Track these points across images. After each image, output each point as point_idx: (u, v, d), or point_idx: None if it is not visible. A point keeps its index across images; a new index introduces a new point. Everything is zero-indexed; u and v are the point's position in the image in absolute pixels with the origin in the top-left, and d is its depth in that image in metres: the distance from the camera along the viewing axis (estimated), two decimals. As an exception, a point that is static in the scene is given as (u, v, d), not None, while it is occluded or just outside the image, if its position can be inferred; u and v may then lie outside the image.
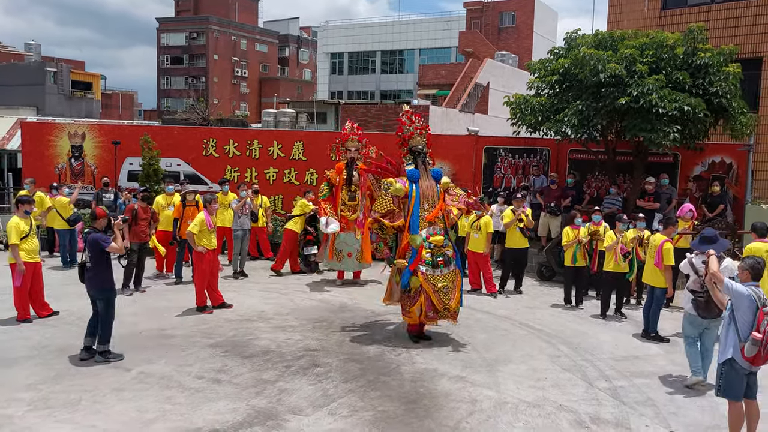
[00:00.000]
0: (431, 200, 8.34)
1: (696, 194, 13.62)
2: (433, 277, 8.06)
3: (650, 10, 19.94)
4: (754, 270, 5.54)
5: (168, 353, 7.61)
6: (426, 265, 8.07)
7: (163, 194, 12.06)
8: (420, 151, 8.48)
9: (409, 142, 8.55)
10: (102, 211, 7.54)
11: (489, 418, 6.07)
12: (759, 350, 5.25)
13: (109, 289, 7.43)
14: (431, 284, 8.03)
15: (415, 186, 8.25)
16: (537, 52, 40.60)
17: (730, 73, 12.01)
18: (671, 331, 9.04)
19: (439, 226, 8.29)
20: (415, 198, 8.20)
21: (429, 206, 8.30)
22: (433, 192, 8.40)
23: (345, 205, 11.44)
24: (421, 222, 8.19)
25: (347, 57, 55.55)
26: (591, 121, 12.16)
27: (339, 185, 11.43)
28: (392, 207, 8.20)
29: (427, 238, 8.13)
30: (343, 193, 11.44)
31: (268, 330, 8.64)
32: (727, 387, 5.51)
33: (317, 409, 6.14)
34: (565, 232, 10.50)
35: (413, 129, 8.55)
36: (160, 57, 69.40)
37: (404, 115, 8.67)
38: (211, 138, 15.49)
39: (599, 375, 7.31)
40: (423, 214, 8.21)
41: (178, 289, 10.98)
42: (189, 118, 31.37)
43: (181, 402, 6.25)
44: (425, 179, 8.39)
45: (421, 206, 8.23)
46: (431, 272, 8.07)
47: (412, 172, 8.33)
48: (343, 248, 11.43)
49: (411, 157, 8.49)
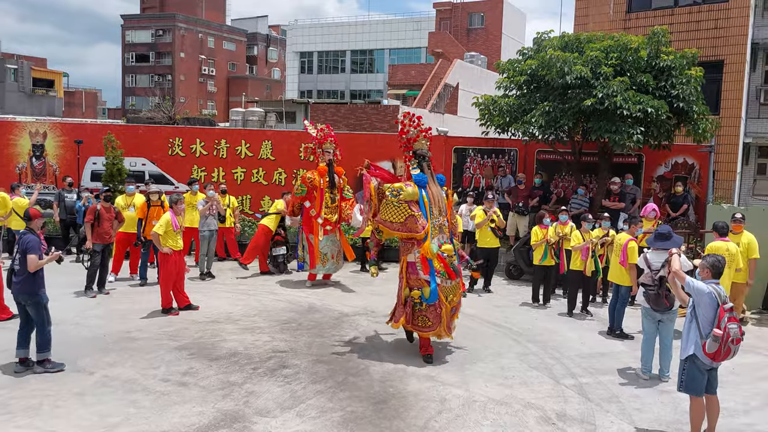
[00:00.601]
0: (440, 207, 7.82)
1: (659, 194, 13.91)
2: (445, 289, 7.60)
3: (615, 13, 20.30)
4: (715, 268, 5.67)
5: (132, 356, 7.46)
6: (441, 276, 7.56)
7: (124, 195, 11.79)
8: (425, 155, 7.97)
9: (414, 145, 8.02)
10: (36, 212, 7.22)
11: (458, 416, 6.10)
12: (719, 346, 5.37)
13: (36, 293, 6.91)
14: (444, 296, 7.61)
15: (423, 191, 7.72)
16: (506, 53, 40.99)
17: (692, 76, 12.29)
18: (636, 329, 9.18)
19: (447, 235, 7.84)
20: (427, 205, 7.70)
21: (438, 213, 7.77)
22: (441, 198, 7.88)
23: (327, 207, 11.37)
24: (432, 230, 7.66)
25: (317, 56, 55.30)
26: (558, 122, 12.33)
27: (322, 188, 11.33)
28: (411, 212, 7.55)
29: (439, 247, 7.64)
30: (326, 196, 11.35)
31: (236, 332, 8.53)
32: (689, 382, 5.63)
33: (285, 411, 6.09)
34: (534, 232, 10.61)
35: (418, 131, 8.03)
36: (125, 54, 68.11)
37: (405, 117, 8.15)
38: (177, 137, 15.26)
39: (566, 372, 7.40)
40: (433, 221, 7.69)
41: (142, 290, 10.78)
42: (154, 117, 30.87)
43: (145, 406, 6.14)
44: (432, 184, 7.87)
45: (430, 213, 7.71)
46: (444, 284, 7.60)
47: (419, 176, 7.79)
48: (327, 252, 11.39)
49: (416, 161, 7.95)
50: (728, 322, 5.37)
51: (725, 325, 5.36)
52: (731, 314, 5.44)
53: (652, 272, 7.23)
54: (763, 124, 18.34)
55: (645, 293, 7.26)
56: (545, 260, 10.53)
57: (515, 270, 12.78)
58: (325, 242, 11.32)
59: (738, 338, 5.39)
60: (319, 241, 11.26)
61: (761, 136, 18.40)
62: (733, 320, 5.41)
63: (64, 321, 8.55)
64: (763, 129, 18.35)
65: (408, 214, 7.57)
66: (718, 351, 5.40)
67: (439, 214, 7.78)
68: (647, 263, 7.38)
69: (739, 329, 5.40)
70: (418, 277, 7.57)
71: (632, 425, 6.04)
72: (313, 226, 11.31)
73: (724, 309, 5.42)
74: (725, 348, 5.39)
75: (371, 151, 15.05)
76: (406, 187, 7.67)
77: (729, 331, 5.35)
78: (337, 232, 11.42)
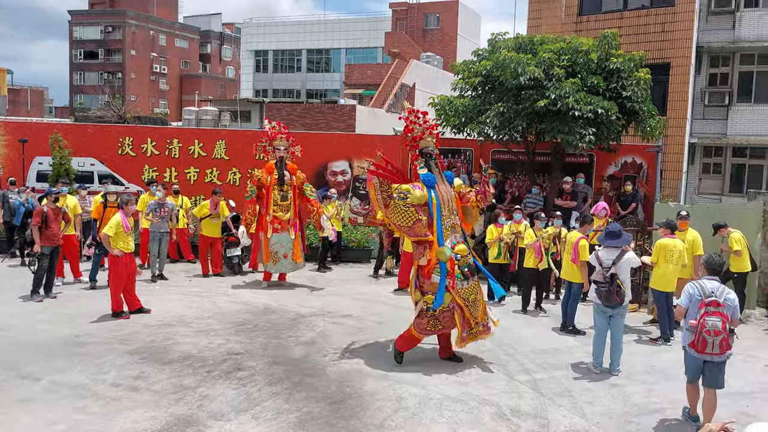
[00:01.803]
0: (450, 206, 7.51)
1: (610, 193, 14.27)
2: (463, 291, 7.32)
3: (567, 16, 20.73)
4: (709, 265, 6.05)
5: (81, 361, 7.25)
6: (457, 279, 7.28)
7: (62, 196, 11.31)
8: (432, 153, 7.65)
9: (420, 143, 7.68)
10: None
11: (414, 415, 6.12)
12: (695, 337, 5.70)
13: None
14: (463, 298, 7.29)
15: (433, 192, 7.40)
16: (461, 54, 41.38)
17: (640, 78, 12.66)
18: (587, 324, 9.39)
19: (459, 234, 7.54)
20: (436, 206, 7.35)
21: (449, 213, 7.46)
22: (451, 197, 7.57)
23: (277, 205, 11.24)
24: (445, 231, 7.38)
25: (272, 55, 54.74)
26: (512, 122, 12.52)
27: (270, 185, 11.22)
28: (418, 217, 7.29)
29: (452, 248, 7.34)
30: (275, 193, 11.23)
31: (189, 334, 8.37)
32: (685, 368, 6.06)
33: (240, 414, 6.01)
34: (489, 230, 10.76)
35: (424, 128, 7.67)
36: (72, 51, 66.05)
37: (411, 114, 7.70)
38: (128, 136, 14.87)
39: (520, 368, 7.52)
40: (445, 222, 7.39)
41: (92, 294, 10.48)
42: (104, 116, 30.04)
43: (95, 412, 5.97)
44: (441, 183, 7.55)
45: (442, 213, 7.42)
46: (461, 286, 7.29)
47: (428, 176, 7.47)
48: (278, 250, 11.22)
49: (423, 159, 7.63)
50: (708, 315, 5.67)
51: (701, 316, 5.68)
52: (716, 308, 5.69)
53: (603, 269, 7.42)
54: (707, 124, 19.04)
55: (597, 290, 7.44)
56: (500, 258, 10.67)
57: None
58: (277, 240, 11.18)
59: (717, 330, 5.63)
60: (268, 239, 11.12)
61: (706, 137, 19.09)
62: (717, 314, 5.67)
63: (9, 326, 8.26)
64: (707, 130, 19.05)
65: (415, 218, 7.29)
66: (695, 341, 5.72)
67: (450, 213, 7.51)
68: (598, 261, 7.58)
69: (722, 323, 5.65)
70: (431, 282, 7.32)
71: (584, 418, 6.17)
72: (263, 224, 11.20)
73: (704, 302, 5.73)
74: (700, 339, 5.68)
75: (328, 150, 15.01)
76: (414, 189, 7.35)
77: (705, 322, 5.65)
78: (291, 231, 11.27)
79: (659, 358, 8.07)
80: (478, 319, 7.47)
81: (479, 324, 7.49)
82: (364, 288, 11.57)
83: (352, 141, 15.92)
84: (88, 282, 10.94)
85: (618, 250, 7.50)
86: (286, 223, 11.20)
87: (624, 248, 7.53)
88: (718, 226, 9.91)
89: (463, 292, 7.34)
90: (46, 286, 10.03)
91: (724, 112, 18.79)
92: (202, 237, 12.12)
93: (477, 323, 7.45)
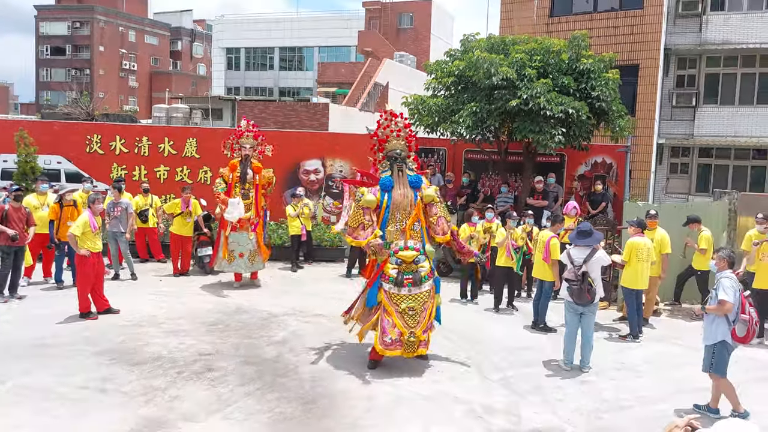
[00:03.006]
0: (406, 210, 7.45)
1: (580, 192, 14.45)
2: (397, 297, 7.22)
3: (539, 17, 20.94)
4: (730, 259, 6.33)
5: (48, 363, 7.09)
6: (389, 283, 7.24)
7: (35, 193, 11.06)
8: (398, 156, 7.62)
9: (386, 146, 7.70)
10: None
11: (386, 414, 6.12)
12: (748, 329, 6.01)
13: None
14: (394, 304, 7.21)
15: (387, 195, 7.46)
16: (435, 53, 41.50)
17: (609, 78, 12.84)
18: (558, 322, 9.50)
19: (414, 240, 7.41)
20: (386, 208, 7.40)
21: (402, 217, 7.44)
22: (408, 201, 7.47)
23: None
24: (391, 234, 7.39)
25: (244, 52, 54.20)
26: (484, 122, 12.60)
27: (232, 183, 11.11)
28: (362, 221, 7.37)
29: (395, 252, 7.29)
30: (236, 191, 11.12)
31: (159, 335, 8.24)
32: (719, 365, 6.18)
33: (211, 415, 5.94)
34: (462, 230, 10.79)
35: (389, 132, 7.67)
36: (39, 47, 64.62)
37: (384, 115, 7.75)
38: (96, 134, 14.59)
39: (492, 366, 7.57)
40: (395, 225, 7.38)
41: (58, 294, 10.24)
42: (71, 113, 29.38)
43: (61, 414, 5.85)
44: (399, 188, 7.51)
45: (392, 217, 7.41)
46: (395, 291, 7.22)
47: (384, 180, 7.53)
48: (235, 248, 11.06)
49: (387, 163, 7.67)
50: (750, 306, 6.03)
51: (748, 309, 6.02)
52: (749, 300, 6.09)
53: (575, 268, 7.51)
54: (675, 125, 19.41)
55: (568, 288, 7.54)
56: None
57: (444, 267, 12.95)
58: (235, 239, 11.03)
59: (757, 320, 6.05)
60: (227, 237, 10.99)
61: (673, 137, 19.46)
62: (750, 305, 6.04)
63: (-30, 328, 8.03)
64: (675, 130, 19.41)
65: (360, 221, 7.41)
66: (747, 334, 6.04)
67: (405, 217, 7.44)
68: (570, 259, 7.67)
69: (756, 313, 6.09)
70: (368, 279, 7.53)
71: (554, 415, 6.24)
72: (223, 222, 11.08)
73: (744, 296, 6.03)
74: (752, 330, 6.04)
75: (300, 149, 14.92)
76: (368, 194, 7.46)
77: (751, 314, 6.00)
78: (250, 230, 11.15)
79: (628, 354, 8.20)
80: (414, 330, 7.13)
81: (413, 336, 7.11)
82: (336, 287, 11.53)
83: (324, 140, 15.85)
84: (54, 282, 10.70)
85: (589, 248, 7.59)
86: (246, 221, 11.06)
87: (595, 247, 7.64)
88: (693, 220, 10.09)
89: (396, 298, 7.22)
90: (10, 286, 9.78)
91: (691, 113, 19.17)
92: (173, 235, 11.94)
93: (411, 334, 7.11)
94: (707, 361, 6.30)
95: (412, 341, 7.10)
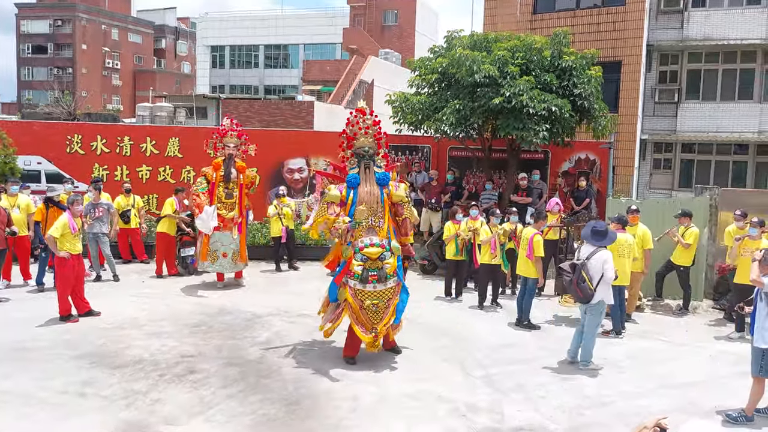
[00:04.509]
0: (372, 207, 7.52)
1: (564, 189, 14.52)
2: (362, 293, 7.31)
3: (522, 14, 21.01)
4: None
5: (27, 367, 6.99)
6: (354, 279, 7.30)
7: (5, 194, 10.82)
8: (365, 153, 7.69)
9: (354, 143, 7.77)
10: None
11: (370, 413, 6.11)
12: None
13: None
14: (358, 300, 7.31)
15: (352, 192, 7.54)
16: (419, 50, 41.53)
17: (592, 75, 12.89)
18: (543, 320, 9.56)
19: (380, 237, 7.46)
20: (351, 205, 7.51)
21: (369, 214, 7.51)
22: (374, 198, 7.55)
23: (222, 202, 11.04)
24: (356, 231, 7.44)
25: (228, 50, 53.89)
26: (468, 119, 12.61)
27: (215, 182, 11.04)
28: (326, 215, 7.50)
29: (361, 249, 7.33)
30: (219, 190, 11.04)
31: (141, 337, 8.17)
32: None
33: (192, 418, 5.89)
34: (447, 227, 10.79)
35: (357, 129, 7.75)
36: (20, 45, 63.83)
37: (354, 113, 7.82)
38: (76, 134, 14.45)
39: (476, 364, 7.57)
40: (359, 221, 7.46)
41: (39, 297, 10.11)
42: (53, 112, 29.09)
43: (41, 419, 5.78)
44: (366, 185, 7.59)
45: (357, 213, 7.48)
46: (360, 287, 7.30)
47: (350, 176, 7.63)
48: (218, 248, 10.98)
49: (355, 160, 7.75)
50: None
51: None
52: None
53: (577, 261, 7.53)
54: (658, 121, 19.55)
55: (562, 279, 7.67)
56: (457, 255, 10.73)
57: (429, 265, 12.96)
58: (218, 238, 10.96)
59: None
60: (208, 237, 10.92)
61: (656, 133, 19.61)
62: None
63: (-52, 333, 7.91)
64: (658, 126, 19.56)
65: (324, 216, 7.55)
66: None
67: (371, 214, 7.51)
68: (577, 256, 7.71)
69: None
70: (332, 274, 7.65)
71: (537, 412, 6.26)
72: None
73: None
74: None
75: (285, 147, 14.86)
76: (333, 189, 7.62)
77: None
78: (235, 230, 11.09)
79: (611, 350, 8.22)
80: (375, 326, 7.27)
81: (374, 331, 7.25)
82: (321, 286, 11.42)
83: (309, 138, 15.81)
84: (35, 285, 10.57)
85: (599, 247, 7.56)
86: (230, 221, 10.96)
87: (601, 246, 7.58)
88: (685, 214, 10.13)
89: (360, 294, 7.30)
90: (-9, 289, 9.66)
91: (674, 109, 19.32)
92: (162, 235, 11.82)
93: (373, 329, 7.25)
94: (756, 364, 6.12)
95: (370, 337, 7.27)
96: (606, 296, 7.50)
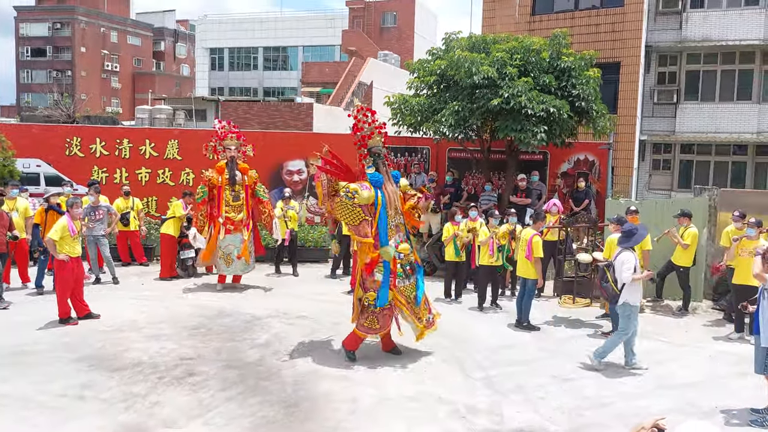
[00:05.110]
0: (395, 206, 7.60)
1: (563, 189, 14.51)
2: (405, 289, 7.51)
3: (521, 15, 21.01)
4: None
5: (26, 371, 6.99)
6: (399, 278, 7.43)
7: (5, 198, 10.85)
8: (380, 152, 7.73)
9: (369, 142, 7.75)
10: None
11: (370, 415, 6.10)
12: None
13: None
14: (405, 296, 7.47)
15: (380, 192, 7.49)
16: (418, 52, 41.50)
17: (590, 77, 12.89)
18: (542, 321, 9.55)
19: (403, 233, 7.66)
20: (381, 205, 7.45)
21: (394, 213, 7.56)
22: (396, 197, 7.66)
23: (229, 205, 11.06)
24: (390, 230, 7.50)
25: (228, 53, 53.92)
26: (467, 121, 12.60)
27: (221, 186, 11.04)
28: (364, 217, 7.39)
29: (396, 248, 7.46)
30: (226, 193, 11.06)
31: (140, 340, 8.16)
32: None
33: (191, 420, 5.89)
34: (446, 228, 10.80)
35: (373, 128, 7.75)
36: (19, 48, 63.82)
37: (359, 113, 7.77)
38: (75, 137, 14.44)
39: (475, 365, 7.57)
40: (390, 222, 7.50)
41: (38, 300, 10.10)
42: (52, 115, 29.09)
43: (40, 423, 5.77)
44: (388, 183, 7.63)
45: (388, 213, 7.51)
46: (402, 284, 7.47)
47: (375, 176, 7.55)
48: (232, 251, 11.04)
49: (371, 159, 7.70)
50: None
51: None
52: None
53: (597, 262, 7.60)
54: (656, 122, 19.56)
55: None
56: (457, 256, 10.73)
57: (428, 266, 12.95)
58: (228, 241, 10.99)
59: None
60: (221, 240, 10.94)
61: (655, 134, 19.61)
62: None
63: (-53, 336, 7.90)
64: (657, 127, 19.57)
65: (361, 218, 7.40)
66: None
67: (396, 213, 7.62)
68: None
69: None
70: (374, 279, 7.41)
71: (537, 413, 6.25)
72: (215, 225, 11.04)
73: None
74: None
75: (284, 149, 14.85)
76: (362, 190, 7.39)
77: None
78: (244, 231, 11.10)
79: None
80: (420, 315, 7.62)
81: (422, 321, 7.62)
82: (321, 288, 11.49)
83: (309, 140, 15.76)
84: (34, 288, 10.56)
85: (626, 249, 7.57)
86: (239, 223, 11.03)
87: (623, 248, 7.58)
88: (685, 214, 10.14)
89: (405, 290, 7.53)
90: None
91: (673, 110, 19.32)
92: (166, 237, 11.79)
93: (420, 319, 7.61)
94: (760, 362, 6.14)
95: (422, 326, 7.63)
96: (630, 298, 7.48)
